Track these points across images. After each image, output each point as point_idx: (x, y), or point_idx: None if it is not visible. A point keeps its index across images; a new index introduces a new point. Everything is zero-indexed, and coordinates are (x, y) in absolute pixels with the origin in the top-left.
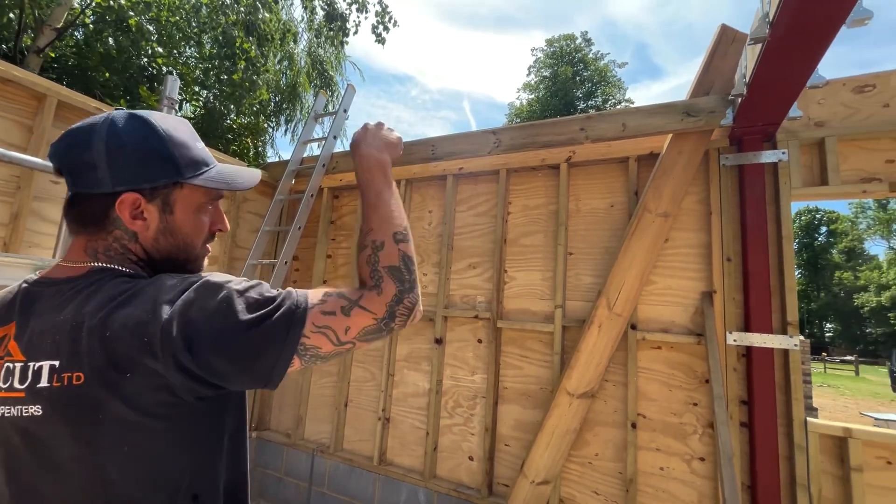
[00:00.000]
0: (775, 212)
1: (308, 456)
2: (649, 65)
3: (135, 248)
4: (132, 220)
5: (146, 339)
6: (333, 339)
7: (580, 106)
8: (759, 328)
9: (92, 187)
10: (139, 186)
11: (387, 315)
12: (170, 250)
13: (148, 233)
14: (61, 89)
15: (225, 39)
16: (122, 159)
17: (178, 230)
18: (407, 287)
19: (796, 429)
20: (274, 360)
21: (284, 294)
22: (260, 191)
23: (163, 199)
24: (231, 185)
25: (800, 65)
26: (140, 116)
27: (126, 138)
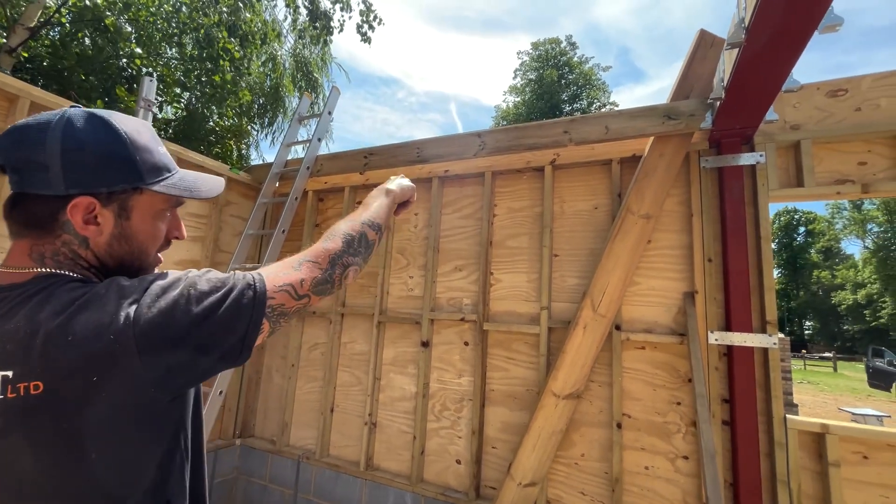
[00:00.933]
0: (754, 213)
1: (293, 463)
2: (632, 68)
3: (85, 255)
4: (84, 224)
5: (112, 337)
6: (293, 293)
7: (566, 108)
8: (740, 327)
9: (41, 188)
10: (95, 190)
11: (329, 265)
12: (123, 256)
13: (101, 238)
14: (34, 90)
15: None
16: (78, 161)
17: (134, 237)
18: (351, 251)
19: (776, 426)
20: (245, 327)
21: (235, 273)
22: (243, 194)
23: (120, 204)
24: (193, 192)
25: (775, 69)
26: (100, 116)
27: (84, 139)
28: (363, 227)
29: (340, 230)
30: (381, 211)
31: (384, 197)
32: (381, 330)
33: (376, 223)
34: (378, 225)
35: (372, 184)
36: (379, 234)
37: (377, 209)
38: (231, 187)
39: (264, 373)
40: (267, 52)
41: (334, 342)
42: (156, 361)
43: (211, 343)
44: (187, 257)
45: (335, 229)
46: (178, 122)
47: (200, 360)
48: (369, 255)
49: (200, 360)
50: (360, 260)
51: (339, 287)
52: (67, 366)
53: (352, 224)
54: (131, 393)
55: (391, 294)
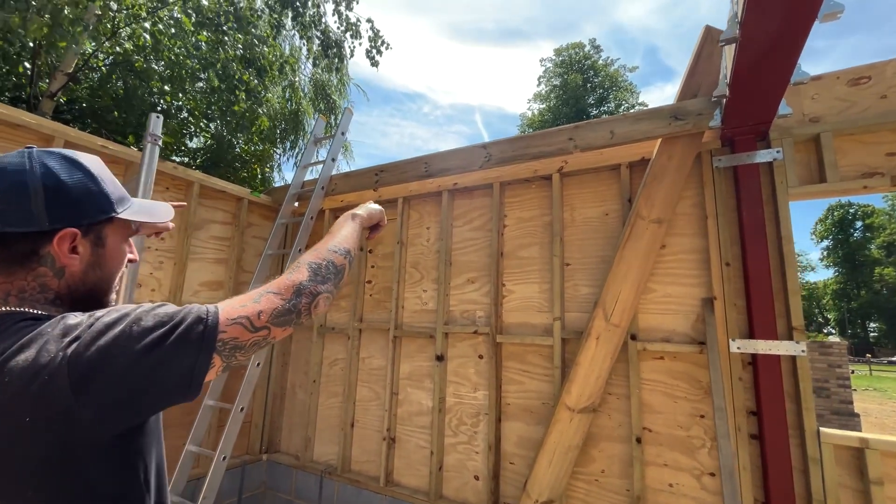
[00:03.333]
0: (773, 212)
1: (317, 478)
2: (661, 67)
3: (55, 286)
4: (69, 254)
5: (47, 378)
6: (248, 325)
7: (592, 112)
8: (764, 334)
9: (23, 226)
10: (77, 223)
11: (293, 295)
12: (95, 282)
13: (76, 267)
14: (68, 130)
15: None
16: (59, 198)
17: (106, 263)
18: (318, 279)
19: (809, 440)
20: (191, 364)
21: (189, 306)
22: (264, 215)
23: (96, 234)
24: (152, 216)
25: (777, 63)
26: (69, 157)
27: (62, 178)
28: (329, 253)
29: (305, 260)
30: (349, 236)
31: (350, 222)
32: (396, 344)
33: (343, 248)
34: (346, 250)
35: (385, 200)
36: (348, 259)
37: (344, 235)
38: (252, 209)
39: (288, 389)
40: (287, 78)
41: (353, 357)
42: (91, 400)
43: (151, 381)
44: (213, 279)
45: (300, 260)
46: (205, 151)
47: (141, 398)
48: (340, 280)
49: (141, 398)
50: (331, 286)
51: (309, 317)
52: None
53: (317, 253)
54: (68, 432)
55: (406, 308)
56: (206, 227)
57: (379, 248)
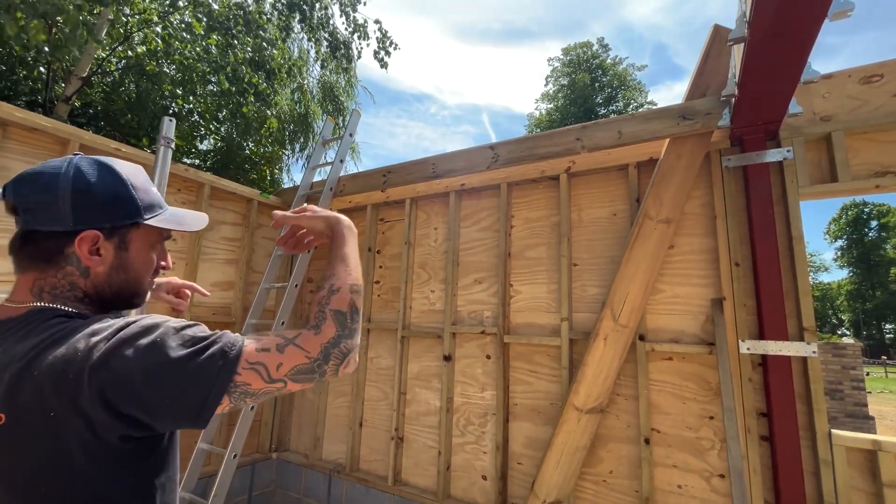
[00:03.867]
0: (783, 212)
1: (326, 476)
2: (669, 65)
3: (83, 285)
4: (89, 255)
5: (72, 375)
6: (265, 375)
7: (601, 112)
8: (774, 335)
9: (52, 225)
10: (100, 225)
11: (321, 356)
12: (121, 285)
13: (101, 268)
14: (84, 134)
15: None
16: (85, 200)
17: (130, 267)
18: (346, 333)
19: (820, 442)
20: (203, 397)
21: (220, 334)
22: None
23: (120, 237)
24: (182, 225)
25: (786, 62)
26: (104, 162)
27: (91, 182)
28: (353, 295)
29: (330, 305)
30: (359, 263)
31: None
32: (404, 344)
33: (361, 284)
34: (361, 286)
35: (393, 200)
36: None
37: (356, 263)
38: (262, 211)
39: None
40: (295, 81)
41: (361, 357)
42: (105, 406)
43: (161, 405)
44: (224, 279)
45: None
46: (215, 153)
47: (153, 414)
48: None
49: (153, 414)
50: (358, 338)
51: (336, 375)
52: (28, 399)
53: (340, 297)
54: (84, 433)
55: (413, 309)
56: (216, 228)
57: (387, 248)
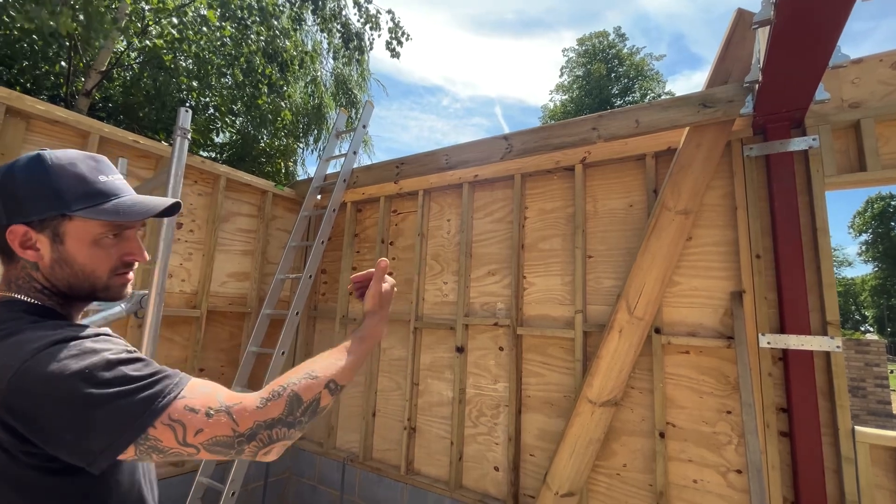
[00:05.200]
0: (808, 202)
1: (339, 465)
2: (688, 55)
3: (38, 277)
4: (23, 249)
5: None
6: (179, 436)
7: (617, 102)
8: (796, 329)
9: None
10: (28, 219)
11: (247, 433)
12: (69, 279)
13: (44, 262)
14: (103, 126)
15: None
16: (10, 194)
17: (73, 260)
18: (288, 421)
19: (843, 439)
20: (107, 444)
21: (160, 377)
22: (288, 208)
23: (52, 230)
24: (122, 215)
25: (814, 45)
26: (37, 155)
27: (17, 175)
28: (322, 391)
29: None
30: (360, 363)
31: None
32: (417, 336)
33: (340, 385)
34: (342, 387)
35: (406, 192)
36: (336, 395)
37: (354, 365)
38: (276, 202)
39: None
40: (309, 74)
41: (375, 348)
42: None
43: (60, 438)
44: (239, 269)
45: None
46: (231, 146)
47: (44, 444)
48: (313, 420)
49: (44, 443)
50: (296, 432)
51: (253, 458)
52: None
53: (311, 385)
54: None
55: (426, 300)
56: (232, 219)
57: (399, 239)
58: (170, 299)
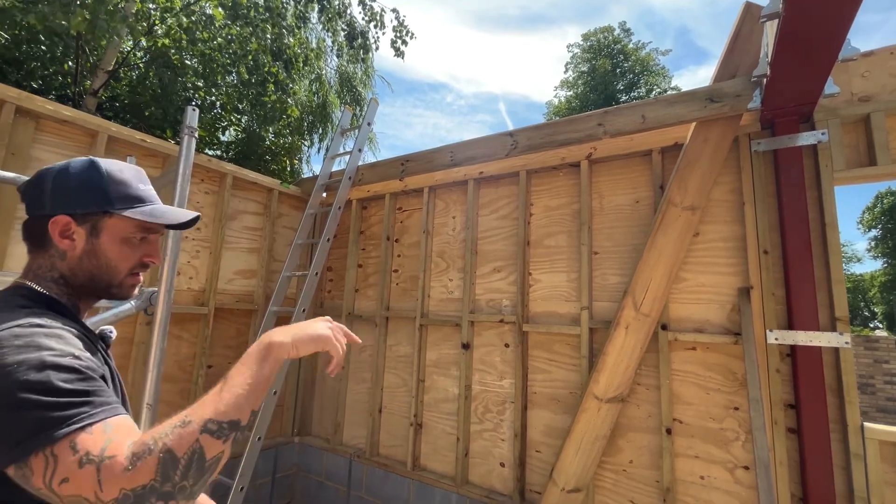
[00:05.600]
0: (816, 198)
1: (346, 460)
2: (693, 49)
3: (60, 267)
4: (61, 238)
5: None
6: (46, 476)
7: (622, 98)
8: (805, 325)
9: (37, 210)
10: (71, 211)
11: (121, 496)
12: (92, 271)
13: (74, 252)
14: (111, 125)
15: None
16: (62, 189)
17: (101, 254)
18: (164, 491)
19: (852, 435)
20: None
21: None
22: (293, 206)
23: (92, 224)
24: (157, 219)
25: (823, 38)
26: (90, 159)
27: (70, 174)
28: (201, 438)
29: (164, 446)
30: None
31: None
32: (423, 332)
33: (228, 422)
34: (234, 423)
35: (411, 189)
36: (235, 435)
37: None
38: (282, 200)
39: (318, 374)
40: (313, 71)
41: (380, 345)
42: None
43: None
44: (246, 267)
45: (160, 437)
46: (237, 144)
47: None
48: (210, 477)
49: None
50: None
51: None
52: None
53: (184, 434)
54: None
55: (432, 297)
56: (239, 217)
57: (405, 237)
58: (178, 297)
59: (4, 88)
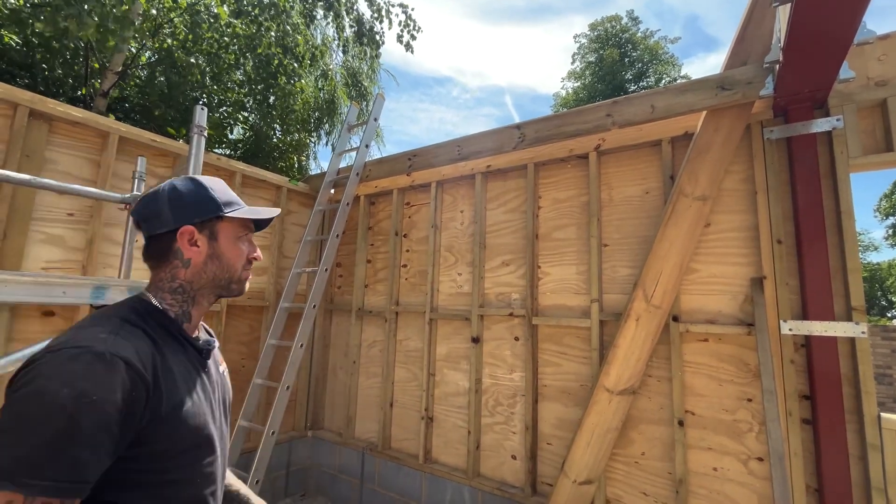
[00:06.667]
0: (831, 185)
1: (359, 454)
2: (702, 36)
3: (182, 275)
4: (189, 246)
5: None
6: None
7: (631, 88)
8: (820, 315)
9: (159, 228)
10: (192, 221)
11: None
12: (215, 272)
13: (199, 258)
14: (122, 126)
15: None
16: (179, 205)
17: (222, 254)
18: None
19: (868, 426)
20: None
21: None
22: (302, 203)
23: (210, 229)
24: (255, 214)
25: (838, 21)
26: (190, 177)
27: (181, 192)
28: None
29: None
30: None
31: None
32: (432, 327)
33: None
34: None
35: (419, 184)
36: None
37: None
38: (291, 197)
39: (330, 369)
40: (319, 68)
41: (390, 340)
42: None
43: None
44: (256, 264)
45: None
46: (244, 143)
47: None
48: None
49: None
50: None
51: None
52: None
53: None
54: None
55: (441, 291)
56: None
57: (413, 231)
58: None
59: (18, 92)
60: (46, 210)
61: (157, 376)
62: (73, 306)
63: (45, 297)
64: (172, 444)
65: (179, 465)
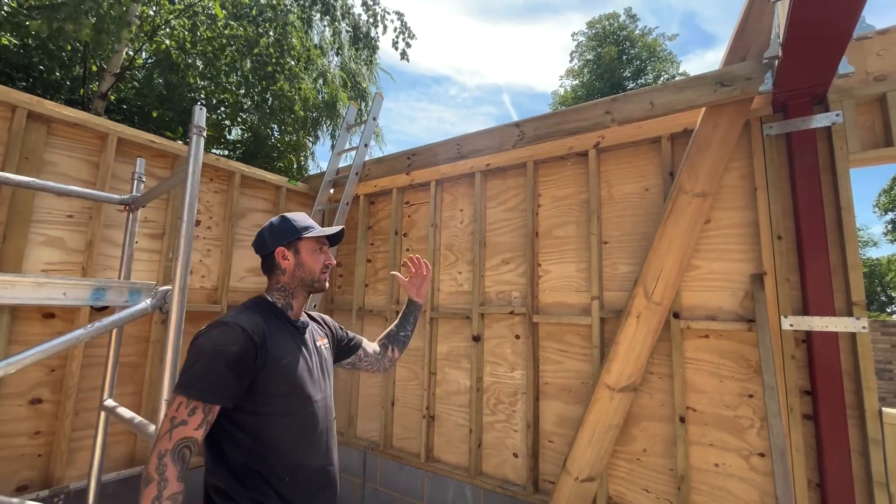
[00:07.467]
0: (831, 181)
1: (360, 453)
2: (700, 33)
3: (283, 279)
4: (282, 260)
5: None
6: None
7: (629, 85)
8: (820, 310)
9: (265, 251)
10: (283, 243)
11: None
12: (302, 276)
13: (290, 268)
14: (120, 127)
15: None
16: (274, 235)
17: (304, 263)
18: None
19: (870, 420)
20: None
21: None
22: (301, 203)
23: (294, 247)
24: (324, 233)
25: (837, 16)
26: (282, 216)
27: (276, 226)
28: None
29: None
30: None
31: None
32: (433, 326)
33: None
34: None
35: (418, 183)
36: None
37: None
38: (290, 197)
39: None
40: (317, 69)
41: None
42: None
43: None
44: (256, 264)
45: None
46: (243, 143)
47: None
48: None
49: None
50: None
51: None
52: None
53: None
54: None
55: (441, 290)
56: (247, 215)
57: (413, 231)
58: (191, 295)
59: (17, 93)
60: (46, 212)
61: (264, 339)
62: (74, 308)
63: (46, 299)
64: (276, 385)
65: (284, 401)
